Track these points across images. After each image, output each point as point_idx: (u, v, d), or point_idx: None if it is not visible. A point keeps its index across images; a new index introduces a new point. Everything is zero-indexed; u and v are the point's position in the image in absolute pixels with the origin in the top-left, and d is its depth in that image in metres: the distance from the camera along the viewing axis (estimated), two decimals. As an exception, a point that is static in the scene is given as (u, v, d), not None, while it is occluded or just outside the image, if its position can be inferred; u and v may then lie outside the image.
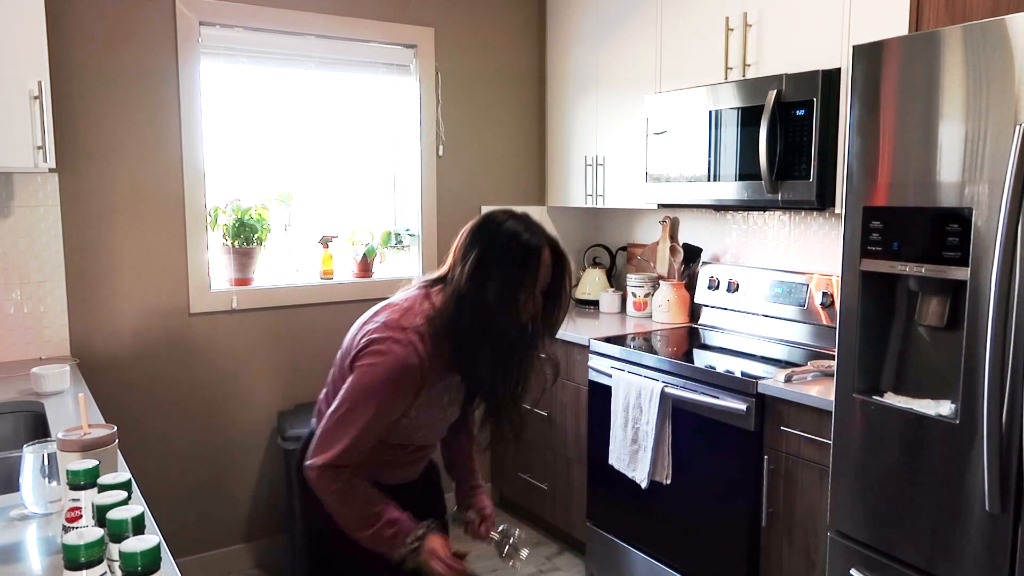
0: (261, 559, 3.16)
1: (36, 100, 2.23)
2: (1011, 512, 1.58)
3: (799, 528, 2.23)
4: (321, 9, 3.10)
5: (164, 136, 2.85)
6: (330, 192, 3.36)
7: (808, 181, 2.38)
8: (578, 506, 3.12)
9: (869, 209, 1.83)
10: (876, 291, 1.87)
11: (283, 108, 3.19)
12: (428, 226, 3.46)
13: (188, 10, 2.83)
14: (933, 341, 1.82)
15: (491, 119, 3.60)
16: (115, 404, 2.74)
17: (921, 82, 1.70)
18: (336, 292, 3.25)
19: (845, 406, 1.92)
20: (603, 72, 3.30)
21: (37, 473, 1.38)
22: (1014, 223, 1.52)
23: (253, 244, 3.06)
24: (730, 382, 2.39)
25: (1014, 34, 1.53)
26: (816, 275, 2.75)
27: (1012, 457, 1.57)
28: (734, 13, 2.66)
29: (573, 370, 3.08)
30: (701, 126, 2.73)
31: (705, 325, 3.18)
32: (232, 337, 3.05)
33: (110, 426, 1.42)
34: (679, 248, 3.29)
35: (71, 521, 1.15)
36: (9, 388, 2.27)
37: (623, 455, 2.71)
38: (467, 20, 3.49)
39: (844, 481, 1.93)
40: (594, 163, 3.38)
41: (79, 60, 2.67)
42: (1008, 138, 1.54)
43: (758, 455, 2.32)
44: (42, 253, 2.65)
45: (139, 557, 0.93)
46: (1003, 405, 1.57)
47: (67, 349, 2.71)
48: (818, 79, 2.33)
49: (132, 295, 2.84)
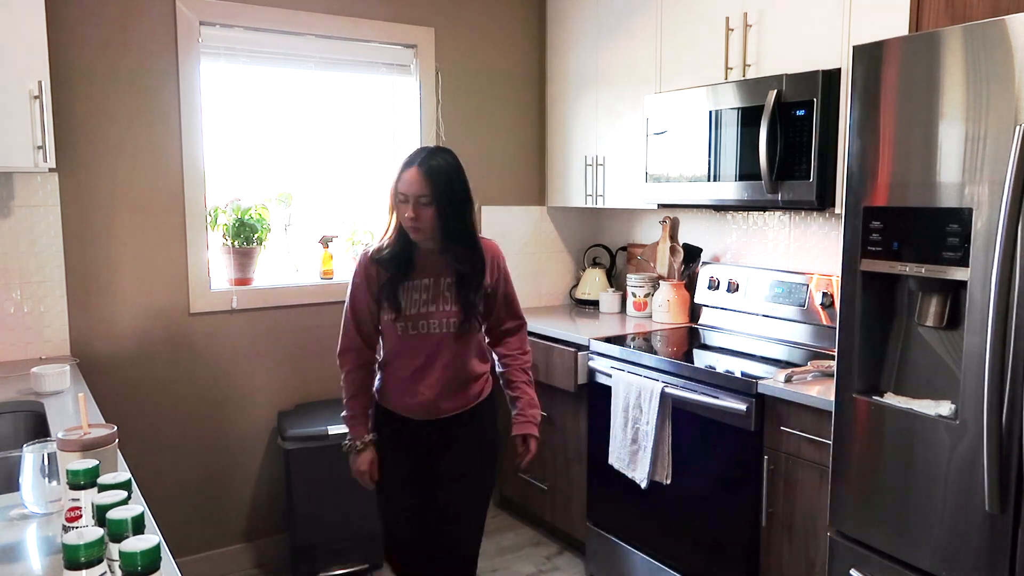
0: (261, 559, 3.16)
1: (36, 100, 2.23)
2: (1011, 512, 1.58)
3: (799, 528, 2.23)
4: (321, 9, 3.10)
5: (164, 136, 2.85)
6: (330, 192, 3.36)
7: (808, 181, 2.38)
8: (578, 506, 3.12)
9: (869, 209, 1.83)
10: (876, 291, 1.87)
11: (283, 108, 3.19)
12: (428, 226, 3.46)
13: (188, 10, 2.83)
14: (933, 341, 1.82)
15: (491, 119, 3.60)
16: (115, 404, 2.74)
17: (921, 82, 1.70)
18: (336, 292, 3.24)
19: (845, 406, 1.92)
20: (603, 72, 3.30)
21: (37, 473, 1.38)
22: (1014, 223, 1.52)
23: (253, 244, 3.06)
24: (730, 382, 2.39)
25: (1014, 34, 1.53)
26: (816, 275, 2.75)
27: (1012, 457, 1.57)
28: (734, 13, 2.66)
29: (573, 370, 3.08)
30: (701, 126, 2.73)
31: (705, 325, 3.18)
32: (232, 337, 3.05)
33: (110, 426, 1.42)
34: (679, 248, 3.29)
35: (71, 521, 1.15)
36: (9, 388, 2.27)
37: (623, 455, 2.71)
38: (467, 20, 3.49)
39: (844, 481, 1.93)
40: (594, 163, 3.39)
41: (79, 60, 2.67)
42: (1008, 138, 1.54)
43: (758, 455, 2.32)
44: (42, 253, 2.65)
45: (139, 557, 0.93)
46: (1003, 405, 1.57)
47: (67, 349, 2.71)
48: (818, 79, 2.34)
49: (132, 295, 2.84)
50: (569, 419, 3.14)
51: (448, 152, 2.13)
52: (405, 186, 2.03)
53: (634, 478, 2.67)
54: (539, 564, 3.19)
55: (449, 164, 2.07)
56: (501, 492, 3.70)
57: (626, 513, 2.83)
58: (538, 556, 3.25)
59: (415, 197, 2.02)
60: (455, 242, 2.10)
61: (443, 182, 2.03)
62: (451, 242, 2.09)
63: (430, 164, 2.03)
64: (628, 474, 2.69)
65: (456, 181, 2.07)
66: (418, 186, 2.01)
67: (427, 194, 2.01)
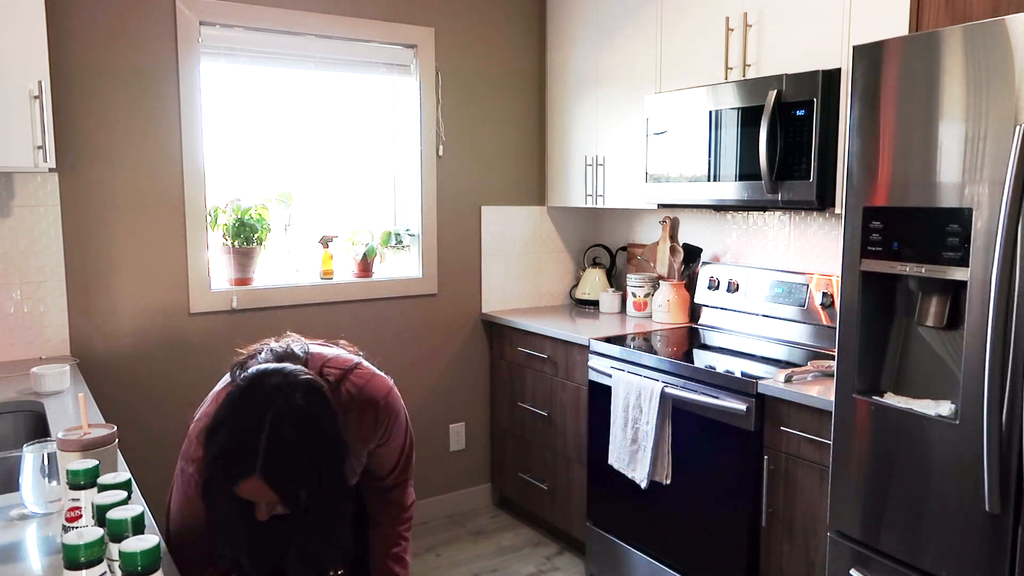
0: (261, 559, 3.15)
1: (36, 100, 2.23)
2: (1011, 512, 1.58)
3: (799, 528, 2.23)
4: (321, 9, 3.10)
5: (164, 136, 2.85)
6: (330, 192, 3.36)
7: (808, 181, 2.38)
8: (578, 506, 3.12)
9: (869, 209, 1.83)
10: (876, 291, 1.87)
11: (283, 108, 3.18)
12: (428, 226, 3.46)
13: (188, 10, 2.83)
14: (933, 341, 1.82)
15: (491, 119, 3.60)
16: (115, 404, 2.74)
17: (921, 82, 1.70)
18: (336, 292, 3.25)
19: (845, 406, 1.92)
20: (603, 72, 3.30)
21: (37, 473, 1.38)
22: (1014, 223, 1.52)
23: (253, 244, 3.06)
24: (730, 382, 2.39)
25: (1014, 34, 1.53)
26: (816, 275, 2.75)
27: (1012, 457, 1.57)
28: (734, 13, 2.66)
29: (573, 370, 3.08)
30: (701, 126, 2.73)
31: (705, 325, 3.18)
32: (232, 337, 3.04)
33: (110, 426, 1.42)
34: (679, 248, 3.29)
35: (71, 521, 1.15)
36: (9, 388, 2.27)
37: (623, 455, 2.71)
38: (467, 20, 3.49)
39: (844, 481, 1.93)
40: (594, 163, 3.39)
41: (79, 60, 2.67)
42: (1008, 138, 1.54)
43: (758, 455, 2.32)
44: (42, 253, 2.65)
45: (139, 557, 0.93)
46: (1003, 405, 1.57)
47: (67, 349, 2.71)
48: (818, 79, 2.34)
49: (132, 295, 2.84)
50: (569, 419, 3.14)
51: (299, 386, 1.38)
52: (247, 494, 1.34)
53: (634, 478, 2.67)
54: (539, 564, 3.19)
55: (306, 426, 1.34)
56: (501, 492, 3.70)
57: (626, 513, 2.83)
58: (538, 556, 3.25)
59: (266, 505, 1.37)
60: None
61: (300, 475, 1.32)
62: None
63: (274, 455, 1.30)
64: (628, 474, 2.69)
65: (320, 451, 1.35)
66: (263, 494, 1.33)
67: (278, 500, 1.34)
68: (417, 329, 3.49)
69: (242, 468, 1.29)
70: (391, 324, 3.40)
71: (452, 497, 3.68)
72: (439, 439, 3.62)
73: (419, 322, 3.49)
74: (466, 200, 3.57)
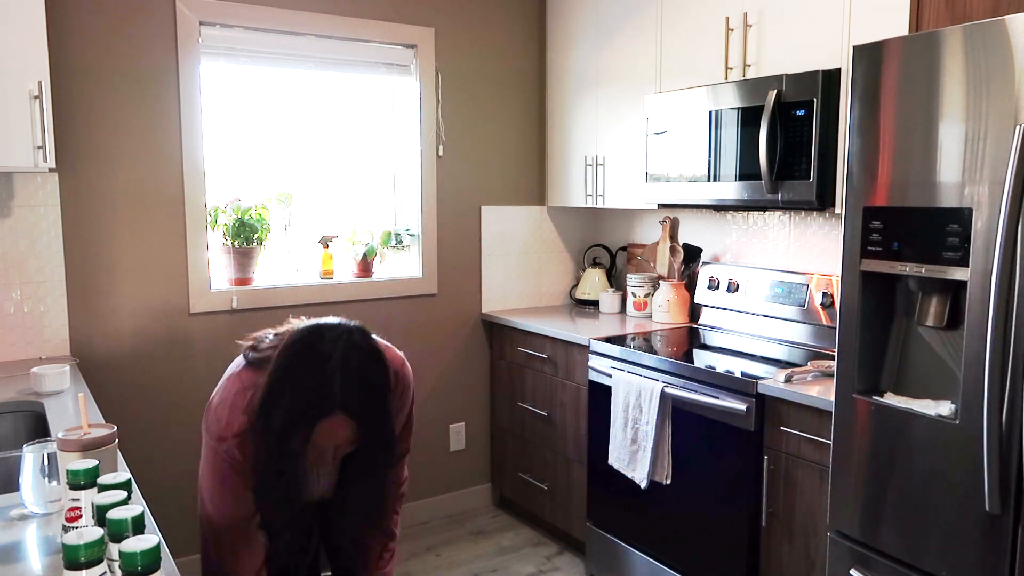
0: (261, 559, 3.15)
1: (36, 100, 2.23)
2: (1011, 512, 1.58)
3: (799, 528, 2.23)
4: (321, 9, 3.11)
5: (164, 136, 2.85)
6: (330, 192, 3.36)
7: (808, 181, 2.38)
8: (578, 506, 3.12)
9: (869, 209, 1.83)
10: (876, 291, 1.87)
11: (283, 108, 3.19)
12: (428, 226, 3.47)
13: (188, 10, 2.83)
14: (933, 341, 1.82)
15: (491, 119, 3.60)
16: (115, 404, 2.74)
17: (921, 82, 1.70)
18: (336, 292, 3.26)
19: (845, 406, 1.92)
20: (603, 72, 3.30)
21: (37, 473, 1.38)
22: (1014, 223, 1.52)
23: (253, 244, 3.06)
24: (730, 382, 2.39)
25: (1014, 34, 1.53)
26: (816, 275, 2.75)
27: (1012, 457, 1.57)
28: (734, 13, 2.66)
29: (573, 370, 3.08)
30: (701, 126, 2.73)
31: (705, 325, 3.18)
32: (232, 337, 3.03)
33: (110, 426, 1.42)
34: (679, 248, 3.29)
35: (71, 521, 1.15)
36: (9, 388, 2.27)
37: (623, 455, 2.71)
38: (467, 20, 3.49)
39: (844, 481, 1.93)
40: (594, 163, 3.39)
41: (79, 60, 2.67)
42: (1008, 138, 1.54)
43: (758, 455, 2.32)
44: (42, 253, 2.65)
45: (139, 557, 0.93)
46: (1003, 405, 1.57)
47: (67, 349, 2.71)
48: (818, 79, 2.34)
49: (132, 295, 2.84)
50: (569, 419, 3.14)
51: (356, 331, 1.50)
52: (323, 437, 1.46)
53: (634, 478, 2.67)
54: (539, 564, 3.19)
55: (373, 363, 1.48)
56: (501, 492, 3.70)
57: (626, 513, 2.83)
58: (538, 556, 3.25)
59: (334, 449, 1.49)
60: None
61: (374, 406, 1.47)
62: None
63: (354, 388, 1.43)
64: (628, 474, 2.69)
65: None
66: (340, 432, 1.46)
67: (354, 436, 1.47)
68: (417, 329, 3.49)
69: (323, 408, 1.40)
70: (391, 324, 3.40)
71: (452, 497, 3.68)
72: (439, 439, 3.62)
73: (419, 322, 3.49)
74: (466, 200, 3.57)
